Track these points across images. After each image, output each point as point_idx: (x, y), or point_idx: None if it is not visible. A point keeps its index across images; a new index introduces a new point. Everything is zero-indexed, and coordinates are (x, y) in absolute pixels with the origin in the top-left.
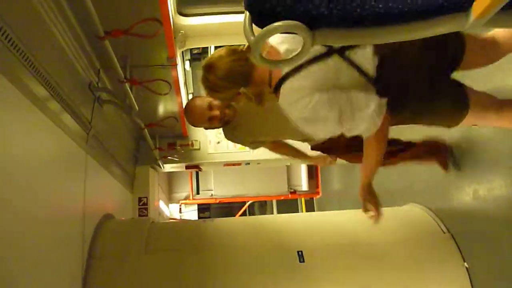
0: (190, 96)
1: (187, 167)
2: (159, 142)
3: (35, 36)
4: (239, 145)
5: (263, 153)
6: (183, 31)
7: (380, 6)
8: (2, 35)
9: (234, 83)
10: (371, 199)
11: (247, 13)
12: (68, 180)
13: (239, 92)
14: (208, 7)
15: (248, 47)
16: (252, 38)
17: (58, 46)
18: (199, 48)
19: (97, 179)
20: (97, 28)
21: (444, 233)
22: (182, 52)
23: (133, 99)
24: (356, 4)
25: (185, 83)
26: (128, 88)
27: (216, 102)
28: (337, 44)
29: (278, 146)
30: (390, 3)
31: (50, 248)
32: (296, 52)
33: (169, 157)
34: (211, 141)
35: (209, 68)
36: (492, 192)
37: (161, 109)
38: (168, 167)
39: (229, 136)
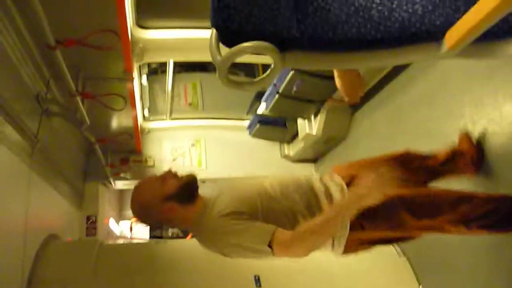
0: (146, 111)
1: None
2: (111, 157)
3: None
4: (195, 162)
5: (219, 171)
6: (141, 45)
7: (353, 31)
8: None
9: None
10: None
11: (214, 30)
12: (7, 197)
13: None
14: (169, 21)
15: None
16: (218, 58)
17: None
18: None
19: (41, 197)
20: (47, 36)
21: (400, 256)
22: (140, 65)
23: (85, 113)
24: (328, 28)
25: (141, 98)
26: (80, 101)
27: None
28: (308, 68)
29: None
30: (362, 29)
31: None
32: (265, 74)
33: (121, 175)
34: (166, 158)
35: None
36: None
37: (115, 124)
38: (120, 184)
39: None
